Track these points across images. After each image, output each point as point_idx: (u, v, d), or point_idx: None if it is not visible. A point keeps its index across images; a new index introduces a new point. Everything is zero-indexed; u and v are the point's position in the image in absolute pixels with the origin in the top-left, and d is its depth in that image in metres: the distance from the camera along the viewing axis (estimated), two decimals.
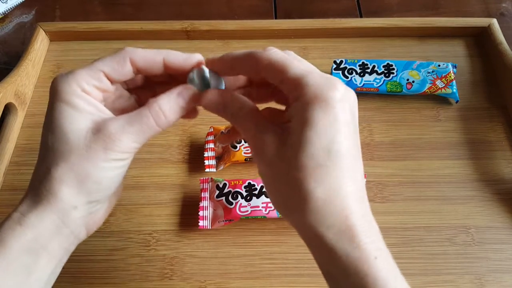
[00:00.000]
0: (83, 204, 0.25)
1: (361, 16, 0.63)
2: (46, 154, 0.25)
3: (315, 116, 0.22)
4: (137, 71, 0.26)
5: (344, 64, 0.53)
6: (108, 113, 0.26)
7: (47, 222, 0.24)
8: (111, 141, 0.24)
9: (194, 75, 0.28)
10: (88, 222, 0.27)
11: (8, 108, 0.49)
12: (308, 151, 0.22)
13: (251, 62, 0.25)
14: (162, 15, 0.63)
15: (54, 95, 0.25)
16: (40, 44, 0.55)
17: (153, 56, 0.26)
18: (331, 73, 0.53)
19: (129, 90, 0.30)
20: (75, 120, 0.25)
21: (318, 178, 0.22)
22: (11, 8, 0.63)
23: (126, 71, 0.26)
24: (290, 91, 0.24)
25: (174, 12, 0.64)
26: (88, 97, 0.25)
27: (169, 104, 0.26)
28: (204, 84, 0.28)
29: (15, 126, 0.50)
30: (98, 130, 0.25)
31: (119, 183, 0.27)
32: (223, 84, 0.29)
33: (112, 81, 0.26)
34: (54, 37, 0.58)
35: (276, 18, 0.64)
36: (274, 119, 0.27)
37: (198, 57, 0.28)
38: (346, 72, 0.52)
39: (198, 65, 0.28)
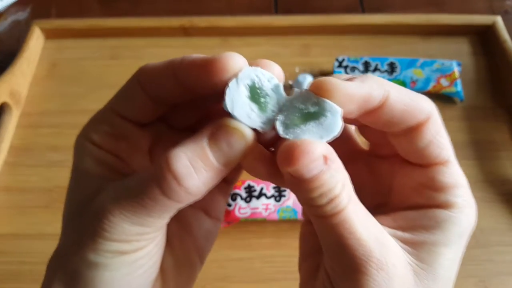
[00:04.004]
0: None
1: (363, 13, 0.62)
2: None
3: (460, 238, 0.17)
4: (152, 96, 0.17)
5: (347, 62, 0.52)
6: (125, 173, 0.18)
7: None
8: (99, 222, 0.15)
9: (229, 95, 0.15)
10: None
11: (2, 107, 0.49)
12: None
13: (410, 120, 0.17)
14: (160, 11, 0.62)
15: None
16: (36, 42, 0.54)
17: (160, 71, 0.17)
18: (333, 71, 0.52)
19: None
20: (80, 190, 0.18)
21: None
22: (6, 5, 0.62)
23: (139, 102, 0.17)
24: (433, 189, 0.18)
25: (172, 7, 0.63)
26: (98, 151, 0.17)
27: (187, 163, 0.15)
28: (270, 114, 0.15)
29: (10, 126, 0.49)
30: (89, 204, 0.17)
31: (141, 286, 0.18)
32: (338, 126, 0.15)
33: (131, 119, 0.18)
34: (50, 34, 0.56)
35: (276, 14, 0.63)
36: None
37: (226, 58, 0.15)
38: (348, 70, 0.51)
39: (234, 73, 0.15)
